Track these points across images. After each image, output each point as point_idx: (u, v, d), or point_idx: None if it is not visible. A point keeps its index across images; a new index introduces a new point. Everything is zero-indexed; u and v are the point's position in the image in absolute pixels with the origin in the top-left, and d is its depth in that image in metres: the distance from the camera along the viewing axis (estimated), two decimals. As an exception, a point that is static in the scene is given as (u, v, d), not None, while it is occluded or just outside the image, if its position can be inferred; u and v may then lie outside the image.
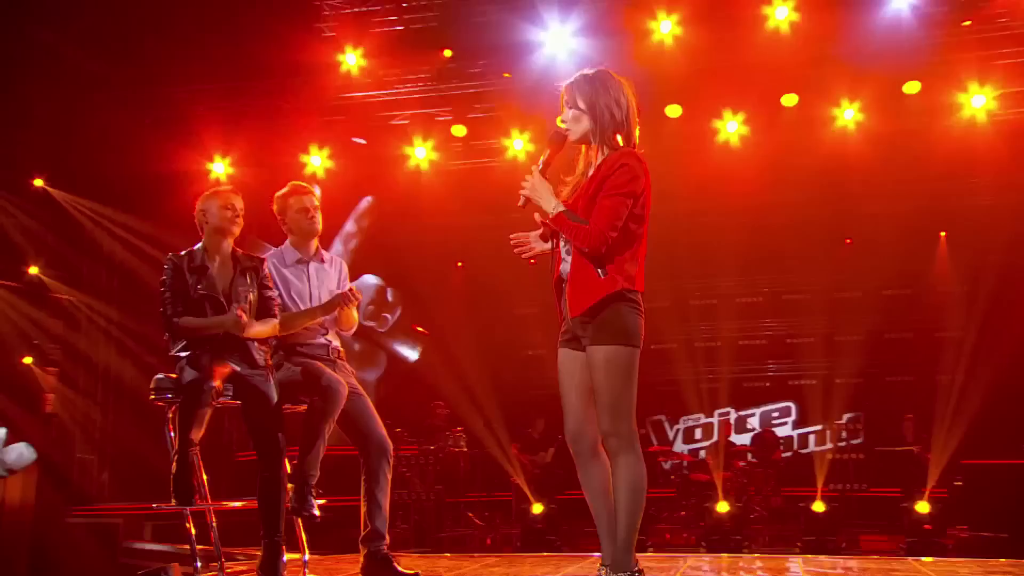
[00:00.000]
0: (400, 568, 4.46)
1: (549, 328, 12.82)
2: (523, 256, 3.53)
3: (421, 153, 12.17)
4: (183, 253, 4.37)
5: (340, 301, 4.55)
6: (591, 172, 3.35)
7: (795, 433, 13.84)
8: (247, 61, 11.34)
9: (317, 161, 12.40)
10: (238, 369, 4.24)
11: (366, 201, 13.13)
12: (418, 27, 10.91)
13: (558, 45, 10.41)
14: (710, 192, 11.92)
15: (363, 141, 12.28)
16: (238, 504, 4.55)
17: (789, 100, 10.71)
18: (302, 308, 4.67)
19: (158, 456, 11.31)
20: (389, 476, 4.61)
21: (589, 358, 3.26)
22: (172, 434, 4.12)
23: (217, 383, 4.09)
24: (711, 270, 13.27)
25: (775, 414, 14.01)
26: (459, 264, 13.62)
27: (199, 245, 4.43)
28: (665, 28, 9.96)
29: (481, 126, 11.97)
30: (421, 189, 12.23)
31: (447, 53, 10.77)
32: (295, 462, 4.34)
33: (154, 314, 11.84)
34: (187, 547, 4.28)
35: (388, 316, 13.05)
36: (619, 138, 3.35)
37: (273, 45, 11.02)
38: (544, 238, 3.49)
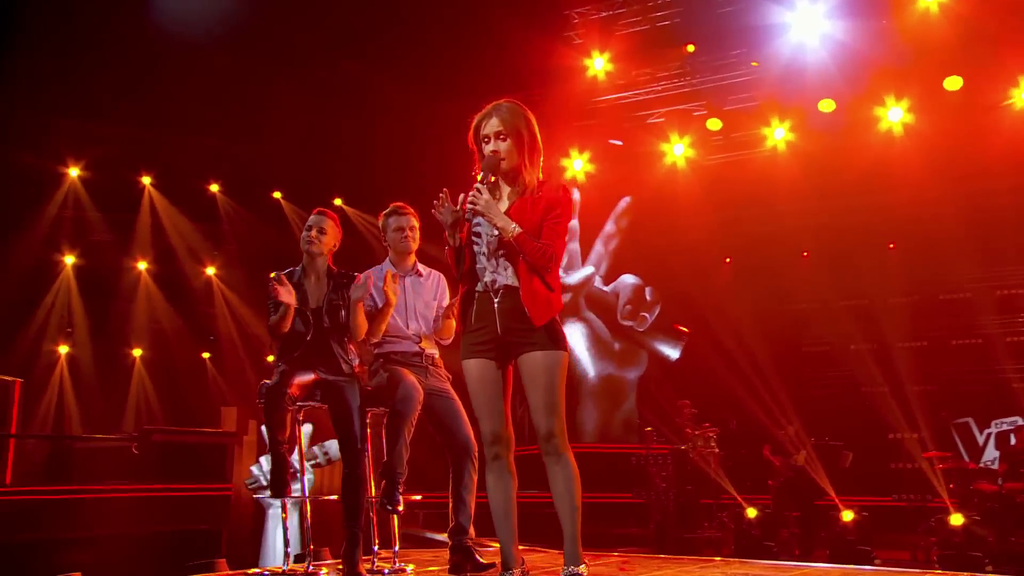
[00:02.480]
0: (480, 560, 4.63)
1: (831, 323, 12.15)
2: (433, 210, 3.59)
3: (679, 150, 12.12)
4: (286, 272, 4.80)
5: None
6: (528, 193, 3.53)
7: None
8: (507, 73, 11.99)
9: (578, 165, 12.79)
10: (324, 377, 4.60)
11: (624, 201, 13.26)
12: (663, 24, 10.89)
13: (807, 28, 9.91)
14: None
15: (619, 142, 12.47)
16: (332, 497, 4.88)
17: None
18: (397, 317, 4.94)
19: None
20: (474, 475, 4.77)
21: (537, 363, 3.47)
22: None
23: (293, 390, 4.46)
24: None
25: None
26: (727, 260, 13.29)
27: (300, 265, 4.85)
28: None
29: (736, 118, 11.67)
30: (678, 186, 12.17)
31: (690, 48, 10.63)
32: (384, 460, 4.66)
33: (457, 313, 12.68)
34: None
35: (647, 315, 13.06)
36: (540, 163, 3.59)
37: (530, 56, 11.57)
38: (456, 238, 3.56)
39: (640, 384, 13.01)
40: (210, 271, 13.35)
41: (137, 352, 12.70)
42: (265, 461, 10.19)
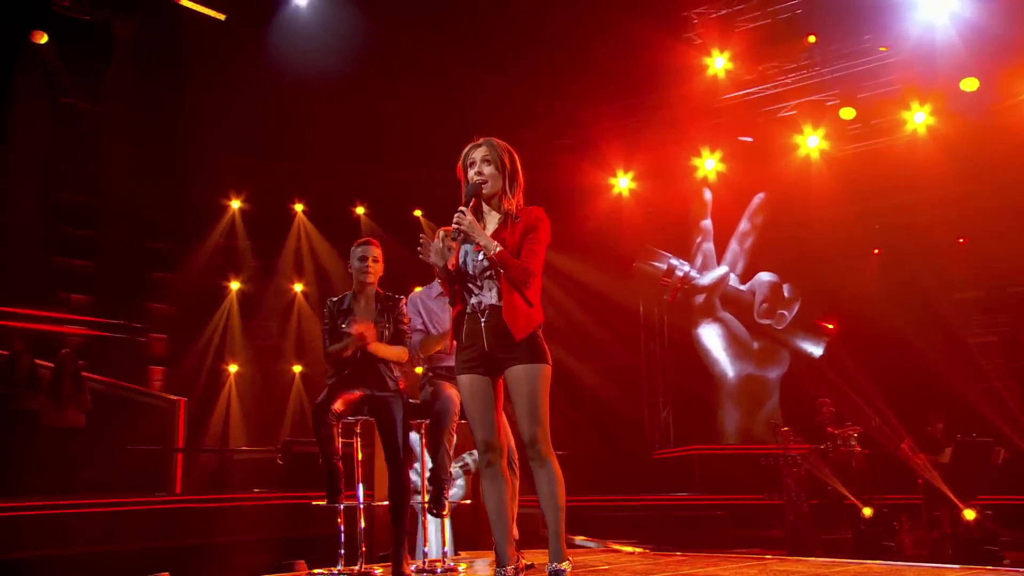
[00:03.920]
0: (523, 560, 4.77)
1: (998, 312, 11.51)
2: (419, 254, 3.82)
3: (812, 142, 11.84)
4: (337, 298, 5.12)
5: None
6: (508, 218, 3.81)
7: None
8: (631, 78, 12.12)
9: (710, 164, 12.71)
10: (370, 392, 4.89)
11: (758, 197, 13.04)
12: (784, 17, 10.73)
13: (935, 8, 9.53)
14: None
15: (750, 139, 12.31)
16: (383, 503, 5.15)
17: None
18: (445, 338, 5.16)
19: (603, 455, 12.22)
20: (514, 480, 4.90)
21: (519, 375, 3.66)
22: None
23: (338, 405, 4.77)
24: None
25: None
26: (876, 251, 12.80)
27: (351, 291, 5.14)
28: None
29: (871, 105, 11.29)
30: (812, 178, 11.88)
31: (811, 39, 10.41)
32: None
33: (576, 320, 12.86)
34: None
35: (785, 312, 12.75)
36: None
37: (652, 60, 11.67)
38: (446, 265, 3.77)
39: (783, 383, 12.76)
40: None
41: (297, 368, 13.65)
42: (415, 473, 10.76)
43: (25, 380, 8.24)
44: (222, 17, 11.37)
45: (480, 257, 3.73)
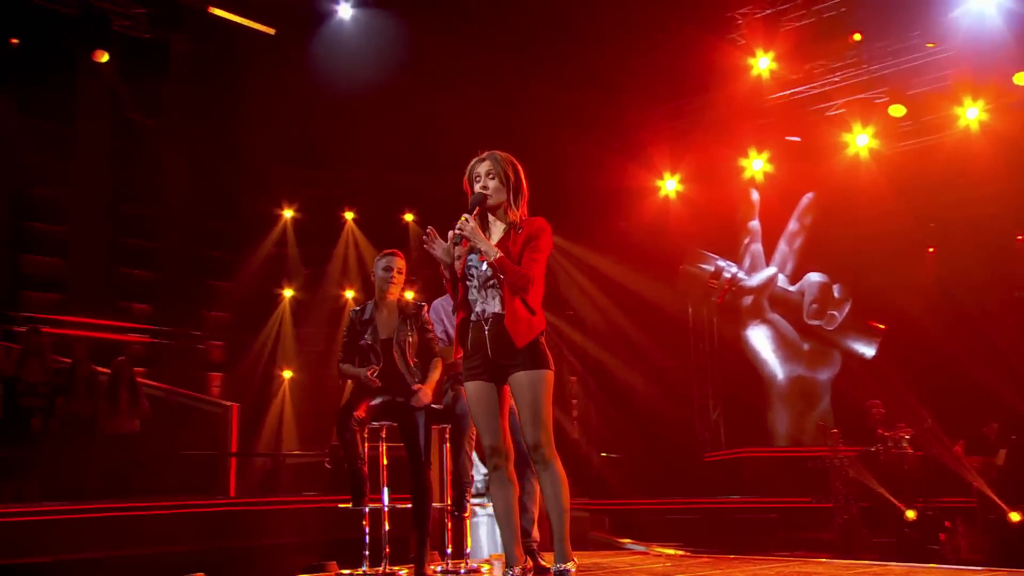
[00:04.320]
0: (542, 562, 4.84)
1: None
2: (424, 243, 3.92)
3: (862, 140, 11.68)
4: (358, 308, 5.25)
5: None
6: (511, 229, 3.91)
7: None
8: (677, 80, 12.10)
9: (757, 165, 12.60)
10: (391, 399, 4.99)
11: (807, 197, 12.87)
12: (829, 16, 10.63)
13: (983, 1, 9.36)
14: None
15: (797, 138, 12.20)
16: (406, 505, 5.23)
17: None
18: None
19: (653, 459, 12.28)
20: (535, 482, 4.93)
21: (521, 382, 3.76)
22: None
23: (360, 412, 4.89)
24: None
25: None
26: (930, 250, 12.55)
27: (373, 300, 5.25)
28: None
29: (921, 101, 11.11)
30: (862, 177, 11.72)
31: (856, 37, 10.29)
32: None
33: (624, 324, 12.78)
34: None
35: (835, 313, 12.56)
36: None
37: (698, 61, 11.65)
38: (451, 267, 3.90)
39: (835, 385, 12.58)
40: (409, 295, 14.25)
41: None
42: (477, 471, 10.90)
43: (84, 387, 8.59)
44: (271, 31, 11.71)
45: (484, 267, 3.84)
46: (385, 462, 5.25)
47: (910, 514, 8.68)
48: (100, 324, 11.46)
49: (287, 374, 13.30)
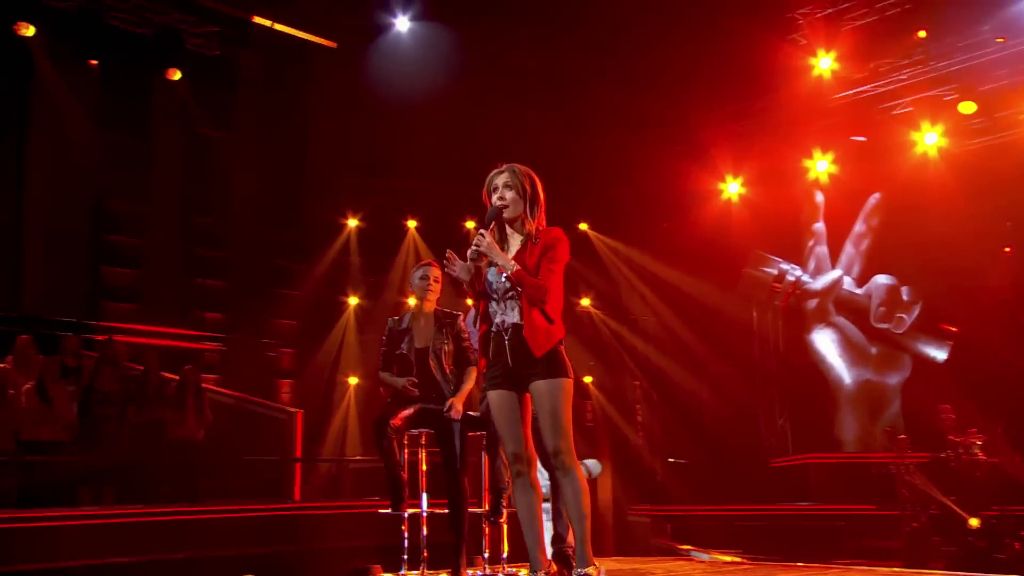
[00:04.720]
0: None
1: None
2: (445, 267, 4.01)
3: (930, 139, 11.38)
4: (397, 318, 5.38)
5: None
6: (529, 240, 4.01)
7: None
8: (739, 81, 11.97)
9: (822, 166, 12.38)
10: (427, 407, 5.06)
11: (874, 198, 12.55)
12: (892, 13, 10.42)
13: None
14: None
15: (863, 138, 11.95)
16: (443, 511, 5.28)
17: None
18: None
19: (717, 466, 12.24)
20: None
21: (540, 390, 3.84)
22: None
23: (396, 421, 4.96)
24: None
25: None
26: (1007, 250, 12.14)
27: (409, 311, 5.39)
28: None
29: (993, 97, 10.78)
30: (931, 176, 11.40)
31: (921, 34, 10.06)
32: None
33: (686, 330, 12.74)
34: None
35: (904, 316, 12.21)
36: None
37: (760, 63, 11.51)
38: (472, 283, 3.98)
39: (904, 389, 12.26)
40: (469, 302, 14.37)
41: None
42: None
43: (155, 395, 8.93)
44: (334, 45, 12.00)
45: (503, 278, 3.92)
46: (424, 468, 5.35)
47: (974, 522, 8.45)
48: (172, 332, 11.86)
49: (352, 380, 13.55)
